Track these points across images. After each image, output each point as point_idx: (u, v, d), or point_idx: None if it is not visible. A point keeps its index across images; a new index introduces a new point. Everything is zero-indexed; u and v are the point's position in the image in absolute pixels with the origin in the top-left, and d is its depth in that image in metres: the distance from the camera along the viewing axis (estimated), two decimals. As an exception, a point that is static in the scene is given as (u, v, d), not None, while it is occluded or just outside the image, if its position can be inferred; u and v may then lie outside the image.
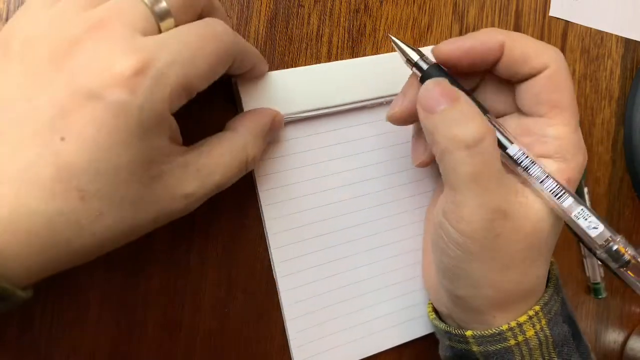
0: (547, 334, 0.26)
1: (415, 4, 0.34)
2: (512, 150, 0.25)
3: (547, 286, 0.28)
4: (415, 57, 0.26)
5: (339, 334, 0.31)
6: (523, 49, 0.25)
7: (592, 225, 0.24)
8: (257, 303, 0.30)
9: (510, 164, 0.25)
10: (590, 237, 0.25)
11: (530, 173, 0.25)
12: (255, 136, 0.26)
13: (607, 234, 0.24)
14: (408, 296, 0.33)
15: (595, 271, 0.41)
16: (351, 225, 0.32)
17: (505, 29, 0.28)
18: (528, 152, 0.25)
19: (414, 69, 0.26)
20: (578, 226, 0.25)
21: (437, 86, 0.24)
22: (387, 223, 0.32)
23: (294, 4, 0.31)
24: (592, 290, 0.42)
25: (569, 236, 0.41)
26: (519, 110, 0.27)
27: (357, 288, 0.32)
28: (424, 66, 0.26)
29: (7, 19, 0.25)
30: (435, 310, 0.32)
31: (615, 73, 0.42)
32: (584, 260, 0.41)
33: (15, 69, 0.19)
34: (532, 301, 0.27)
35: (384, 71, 0.31)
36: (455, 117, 0.23)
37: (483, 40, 0.25)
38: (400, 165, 0.33)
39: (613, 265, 0.24)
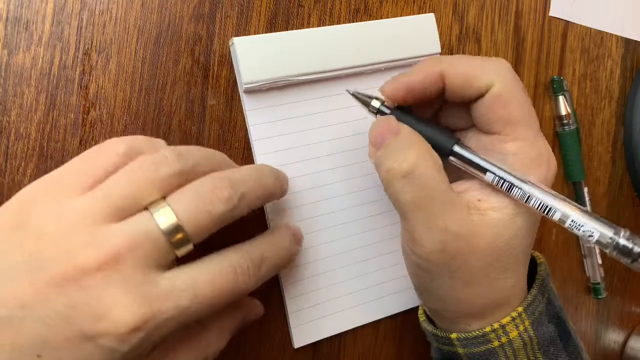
0: (531, 334, 0.26)
1: (415, 4, 0.34)
2: (489, 177, 0.25)
3: (532, 287, 0.28)
4: (377, 104, 0.27)
5: (334, 301, 0.32)
6: (464, 73, 0.25)
7: (587, 234, 0.24)
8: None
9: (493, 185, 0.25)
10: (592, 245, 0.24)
11: (513, 195, 0.25)
12: (222, 332, 0.25)
13: (608, 234, 0.24)
14: (400, 266, 0.33)
15: (595, 271, 0.41)
16: (343, 193, 0.32)
17: (450, 55, 0.27)
18: (509, 173, 0.25)
19: (377, 115, 0.27)
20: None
21: (383, 123, 0.26)
22: (379, 191, 0.33)
23: (294, 4, 0.31)
24: (592, 290, 0.42)
25: (569, 236, 0.41)
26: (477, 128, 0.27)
27: (348, 257, 0.32)
28: (387, 111, 0.27)
29: (7, 19, 0.26)
30: (426, 313, 0.32)
31: (615, 73, 0.42)
32: (584, 260, 0.41)
33: (20, 267, 0.20)
34: (509, 308, 0.27)
35: (385, 36, 0.31)
36: (393, 150, 0.25)
37: (422, 74, 0.25)
38: None
39: (626, 260, 0.24)
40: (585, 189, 0.40)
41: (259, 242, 0.26)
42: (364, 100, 0.27)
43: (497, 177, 0.24)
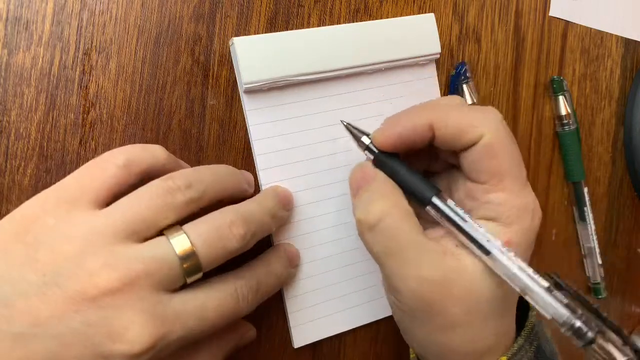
0: None
1: (415, 4, 0.34)
2: (460, 236, 0.25)
3: (519, 335, 0.27)
4: (366, 141, 0.27)
5: (334, 301, 0.32)
6: (455, 124, 0.25)
7: (543, 312, 0.23)
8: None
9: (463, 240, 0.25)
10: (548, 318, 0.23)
11: (481, 257, 0.24)
12: (216, 354, 0.26)
13: (564, 315, 0.23)
14: None
15: (595, 271, 0.41)
16: (344, 193, 0.32)
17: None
18: (478, 235, 0.24)
19: (366, 152, 0.27)
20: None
21: (359, 170, 0.27)
22: None
23: (294, 4, 0.31)
24: (592, 290, 0.42)
25: (569, 236, 0.41)
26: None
27: (348, 257, 0.32)
28: (375, 150, 0.27)
29: (7, 19, 0.26)
30: None
31: (615, 73, 0.42)
32: (584, 260, 0.41)
33: (35, 284, 0.20)
34: (495, 355, 0.26)
35: (385, 36, 0.31)
36: (362, 201, 0.26)
37: (412, 126, 0.25)
38: None
39: (578, 343, 0.23)
40: (585, 189, 0.40)
41: (257, 268, 0.27)
42: (355, 135, 0.27)
43: (466, 238, 0.24)
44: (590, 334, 0.22)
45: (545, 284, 0.23)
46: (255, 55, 0.28)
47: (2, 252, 0.21)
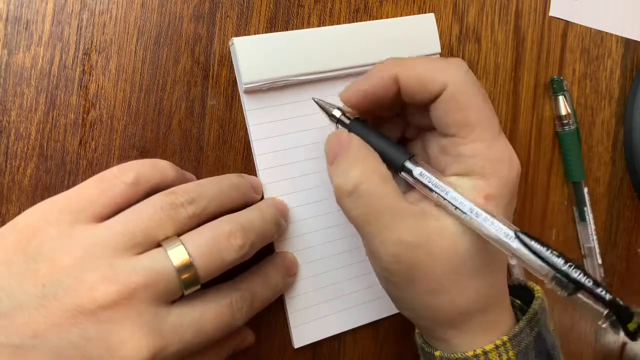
0: None
1: (415, 4, 0.34)
2: (434, 197, 0.24)
3: (520, 319, 0.27)
4: (337, 114, 0.27)
5: (334, 301, 0.32)
6: (418, 75, 0.25)
7: (526, 265, 0.23)
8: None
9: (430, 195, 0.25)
10: (534, 268, 0.23)
11: (458, 216, 0.24)
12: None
13: (545, 266, 0.22)
14: None
15: (595, 271, 0.41)
16: None
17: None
18: (452, 197, 0.24)
19: (338, 125, 0.27)
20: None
21: (334, 138, 0.26)
22: None
23: (294, 4, 0.31)
24: (592, 290, 0.42)
25: (569, 236, 0.41)
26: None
27: (347, 257, 0.32)
28: (347, 122, 0.27)
29: (7, 19, 0.26)
30: None
31: (615, 73, 0.42)
32: (584, 260, 0.41)
33: (34, 296, 0.20)
34: (490, 318, 0.26)
35: (385, 36, 0.31)
36: (340, 167, 0.25)
37: (376, 79, 0.25)
38: None
39: (563, 293, 0.22)
40: (585, 189, 0.40)
41: (254, 279, 0.27)
42: (326, 109, 0.27)
43: (441, 199, 0.24)
44: (571, 284, 0.22)
45: (512, 233, 0.23)
46: (255, 55, 0.28)
47: (2, 261, 0.21)
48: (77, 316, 0.20)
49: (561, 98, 0.39)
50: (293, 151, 0.30)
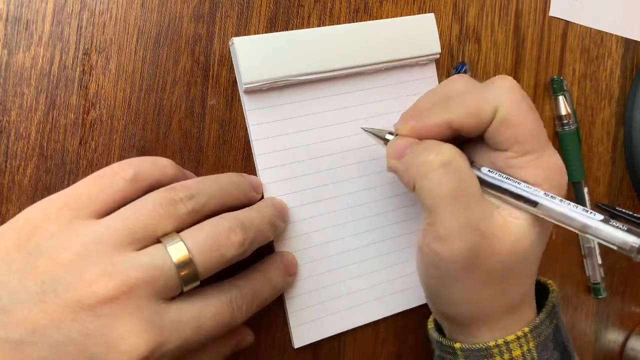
0: (535, 356, 0.26)
1: (415, 4, 0.34)
2: (508, 198, 0.25)
3: (540, 311, 0.28)
4: (390, 137, 0.28)
5: (334, 301, 0.32)
6: (469, 113, 0.25)
7: (609, 243, 0.24)
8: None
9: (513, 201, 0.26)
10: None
11: (533, 211, 0.25)
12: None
13: (629, 240, 0.24)
14: (400, 266, 0.33)
15: (595, 271, 0.41)
16: (343, 193, 0.32)
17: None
18: (525, 191, 0.25)
19: None
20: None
21: (402, 139, 0.27)
22: (379, 191, 0.33)
23: (294, 4, 0.31)
24: (592, 290, 0.42)
25: (569, 236, 0.41)
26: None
27: (347, 257, 0.32)
28: None
29: (7, 19, 0.26)
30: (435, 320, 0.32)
31: (615, 73, 0.42)
32: (584, 260, 0.41)
33: (33, 291, 0.20)
34: (518, 315, 0.27)
35: (385, 36, 0.31)
36: (427, 146, 0.25)
37: (432, 127, 0.26)
38: None
39: None
40: (585, 189, 0.40)
41: (254, 277, 0.27)
42: (378, 135, 0.29)
43: (510, 196, 0.25)
44: None
45: (600, 216, 0.24)
46: (255, 55, 0.28)
47: (2, 259, 0.21)
48: (76, 311, 0.20)
49: (561, 98, 0.39)
50: (293, 151, 0.30)
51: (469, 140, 0.28)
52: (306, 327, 0.31)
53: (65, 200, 0.22)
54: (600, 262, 0.41)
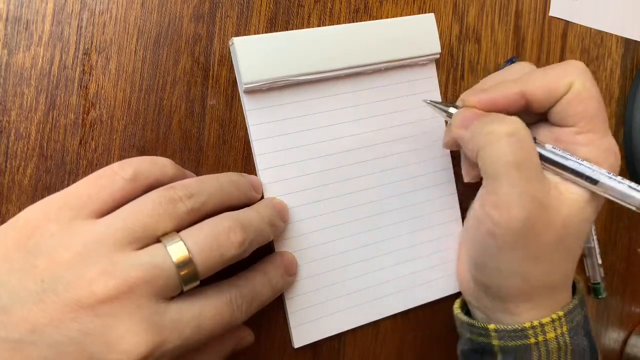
0: (567, 340, 0.27)
1: (415, 4, 0.34)
2: (571, 175, 0.27)
3: (573, 297, 0.29)
4: (454, 111, 0.29)
5: (334, 301, 0.32)
6: (544, 86, 0.26)
7: None
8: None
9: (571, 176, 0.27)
10: None
11: (594, 189, 0.26)
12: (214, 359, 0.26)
13: None
14: (400, 266, 0.33)
15: (595, 271, 0.41)
16: (343, 193, 0.32)
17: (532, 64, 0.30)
18: (591, 169, 0.26)
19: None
20: None
21: (469, 110, 0.28)
22: (379, 191, 0.33)
23: (294, 4, 0.31)
24: (592, 290, 0.42)
25: (569, 236, 0.41)
26: (548, 120, 0.28)
27: (347, 257, 0.32)
28: None
29: (7, 19, 0.26)
30: (462, 305, 0.33)
31: (615, 73, 0.42)
32: (584, 260, 0.41)
33: (33, 291, 0.20)
34: (557, 296, 0.28)
35: (385, 36, 0.31)
36: (491, 119, 0.26)
37: (503, 95, 0.27)
38: (410, 131, 0.33)
39: None
40: (585, 189, 0.40)
41: (253, 277, 0.27)
42: (442, 109, 0.29)
43: (571, 173, 0.26)
44: None
45: None
46: (255, 55, 0.28)
47: (2, 258, 0.21)
48: (76, 311, 0.20)
49: (561, 98, 0.39)
50: (293, 151, 0.30)
51: (531, 122, 0.29)
52: (306, 327, 0.31)
53: (65, 199, 0.22)
54: (600, 262, 0.41)
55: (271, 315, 0.31)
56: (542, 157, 0.27)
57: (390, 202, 0.33)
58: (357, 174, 0.32)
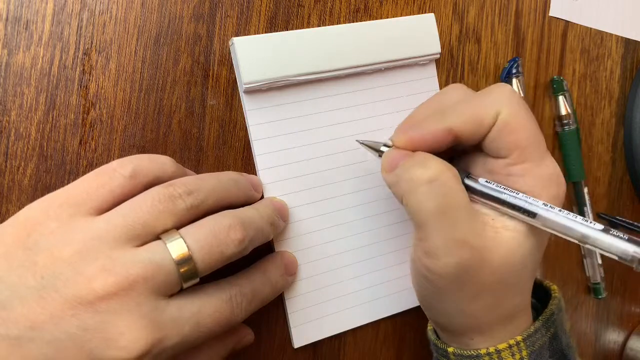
0: None
1: (415, 4, 0.34)
2: (504, 209, 0.25)
3: (536, 319, 0.27)
4: (385, 149, 0.27)
5: (334, 301, 0.32)
6: (472, 118, 0.25)
7: (608, 253, 0.23)
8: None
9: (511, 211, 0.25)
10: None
11: (531, 222, 0.25)
12: (214, 358, 0.26)
13: (630, 250, 0.23)
14: (400, 266, 0.33)
15: (595, 271, 0.41)
16: (343, 193, 0.32)
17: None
18: (524, 201, 0.25)
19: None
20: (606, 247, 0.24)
21: (396, 151, 0.26)
22: (379, 191, 0.33)
23: (294, 4, 0.31)
24: (592, 290, 0.42)
25: (569, 236, 0.41)
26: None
27: (347, 257, 0.32)
28: None
29: (7, 19, 0.26)
30: None
31: (615, 73, 0.42)
32: (584, 260, 0.41)
33: (33, 287, 0.20)
34: (512, 327, 0.27)
35: (385, 36, 0.31)
36: (415, 161, 0.25)
37: (431, 134, 0.25)
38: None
39: None
40: (585, 189, 0.40)
41: (254, 276, 0.27)
42: (373, 147, 0.28)
43: (508, 207, 0.25)
44: None
45: (600, 226, 0.24)
46: (255, 55, 0.28)
47: (2, 254, 0.21)
48: (75, 307, 0.20)
49: (561, 98, 0.39)
50: (293, 151, 0.30)
51: (465, 152, 0.28)
52: (306, 327, 0.31)
53: (65, 197, 0.22)
54: (600, 262, 0.41)
55: (271, 315, 0.31)
56: (476, 192, 0.26)
57: (390, 201, 0.33)
58: (357, 174, 0.32)
